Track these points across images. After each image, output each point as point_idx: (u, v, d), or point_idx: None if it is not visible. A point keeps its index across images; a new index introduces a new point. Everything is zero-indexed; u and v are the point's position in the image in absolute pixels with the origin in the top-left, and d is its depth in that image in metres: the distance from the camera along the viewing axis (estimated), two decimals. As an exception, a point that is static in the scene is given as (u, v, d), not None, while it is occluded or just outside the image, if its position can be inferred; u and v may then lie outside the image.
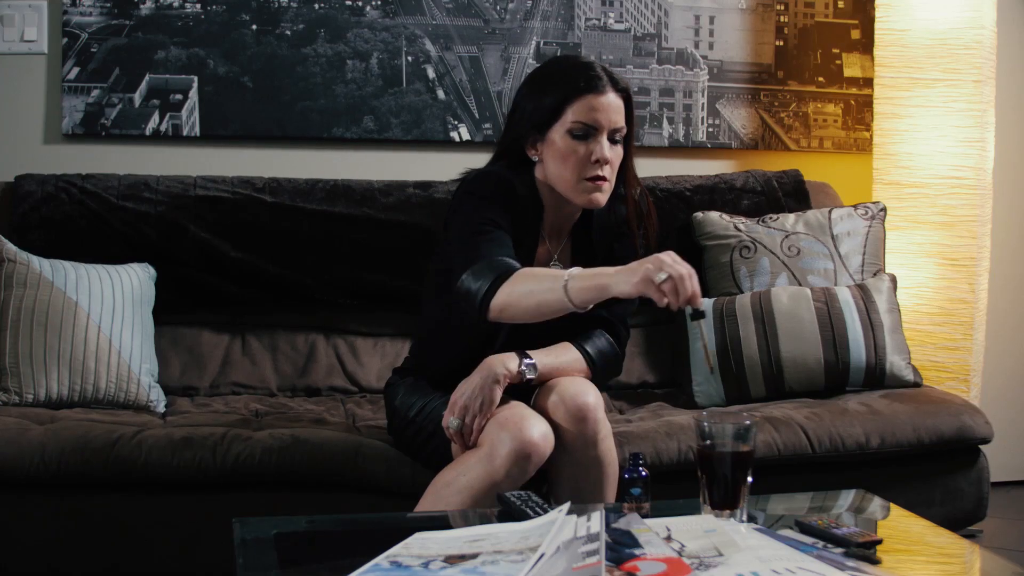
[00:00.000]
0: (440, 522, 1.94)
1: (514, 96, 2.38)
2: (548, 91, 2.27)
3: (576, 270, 2.08)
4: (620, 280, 2.01)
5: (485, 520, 1.91)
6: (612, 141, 2.26)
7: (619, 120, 2.26)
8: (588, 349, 2.32)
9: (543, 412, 2.18)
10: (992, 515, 2.98)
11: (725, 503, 1.82)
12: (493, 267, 2.15)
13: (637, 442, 2.52)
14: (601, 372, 2.34)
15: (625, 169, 2.32)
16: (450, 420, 2.18)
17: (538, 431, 2.11)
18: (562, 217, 2.35)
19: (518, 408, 2.16)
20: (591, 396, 2.18)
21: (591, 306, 2.10)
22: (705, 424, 1.82)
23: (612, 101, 2.25)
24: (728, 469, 1.82)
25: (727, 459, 1.82)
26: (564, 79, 2.27)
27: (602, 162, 2.23)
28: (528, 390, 2.25)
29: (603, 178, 2.25)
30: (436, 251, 2.45)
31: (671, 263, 1.98)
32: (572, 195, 2.28)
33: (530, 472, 2.11)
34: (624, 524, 1.75)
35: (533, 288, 2.10)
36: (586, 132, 2.24)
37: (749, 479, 1.83)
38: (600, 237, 2.38)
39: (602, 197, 2.27)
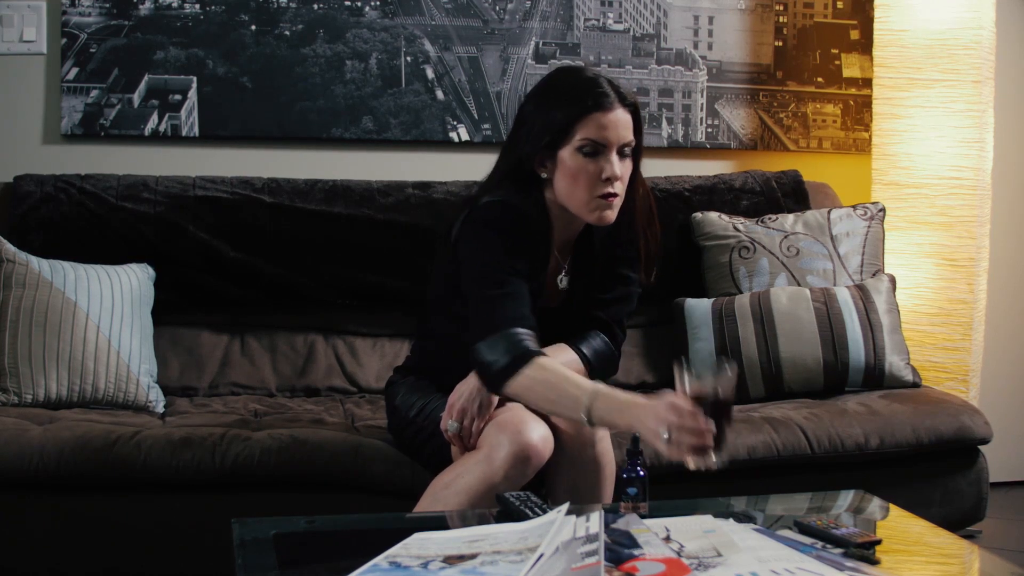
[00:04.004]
0: (439, 522, 1.94)
1: (518, 110, 2.34)
2: (556, 109, 2.23)
3: (600, 392, 2.03)
4: (645, 418, 1.95)
5: (484, 520, 1.91)
6: (622, 155, 2.24)
7: (628, 135, 2.23)
8: (584, 350, 2.33)
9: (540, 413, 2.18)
10: (991, 515, 2.98)
11: (703, 449, 1.85)
12: (510, 346, 2.10)
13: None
14: (598, 372, 2.34)
15: (634, 179, 2.31)
16: (448, 423, 2.18)
17: (537, 434, 2.11)
18: (570, 231, 2.34)
19: (517, 410, 2.16)
20: None
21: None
22: (684, 372, 1.87)
23: (620, 117, 2.22)
24: (708, 415, 1.85)
25: (707, 406, 1.86)
26: (571, 97, 2.23)
27: (613, 179, 2.22)
28: None
29: (614, 195, 2.23)
30: (437, 260, 2.41)
31: (675, 420, 1.88)
32: (583, 213, 2.25)
33: (529, 475, 2.11)
34: (623, 524, 1.75)
35: (551, 397, 2.07)
36: (595, 150, 2.21)
37: (729, 425, 1.87)
38: (603, 244, 2.38)
39: (612, 214, 2.26)
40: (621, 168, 2.23)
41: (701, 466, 1.87)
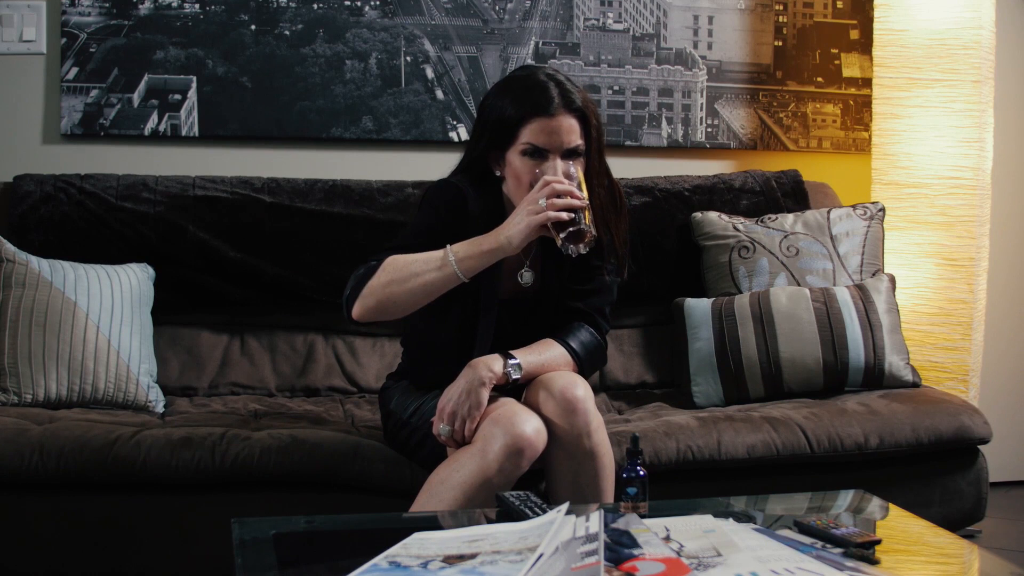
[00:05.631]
0: (439, 522, 1.94)
1: (479, 104, 2.39)
2: (504, 110, 2.28)
3: (455, 243, 2.20)
4: (516, 221, 2.16)
5: (484, 520, 1.91)
6: (569, 158, 2.26)
7: (573, 140, 2.26)
8: (571, 343, 2.34)
9: (534, 408, 2.19)
10: (991, 515, 2.98)
11: (573, 223, 2.13)
12: (357, 271, 2.26)
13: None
14: (587, 364, 2.35)
15: (588, 177, 2.30)
16: (440, 427, 2.19)
17: (531, 426, 2.12)
18: None
19: (510, 405, 2.18)
20: (580, 389, 2.19)
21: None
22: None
23: (564, 123, 2.25)
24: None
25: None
26: (519, 100, 2.27)
27: None
28: (518, 388, 2.26)
29: None
30: None
31: (545, 191, 2.14)
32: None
33: (523, 467, 2.12)
34: (623, 524, 1.75)
35: (415, 271, 2.20)
36: (538, 153, 2.25)
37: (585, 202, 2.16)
38: None
39: None
40: (566, 171, 2.24)
41: (579, 249, 2.14)
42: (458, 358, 2.25)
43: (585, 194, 2.19)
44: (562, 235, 2.14)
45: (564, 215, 2.13)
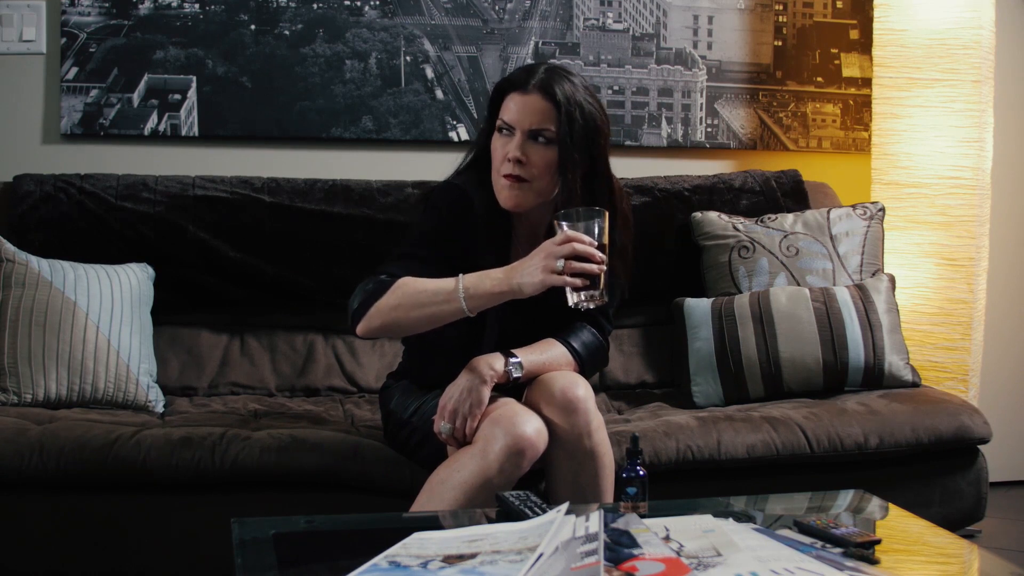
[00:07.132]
0: (439, 522, 1.94)
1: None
2: (497, 90, 2.31)
3: (468, 275, 2.15)
4: (532, 268, 2.09)
5: (484, 520, 1.91)
6: (537, 141, 2.25)
7: (538, 122, 2.24)
8: (573, 343, 2.34)
9: (534, 408, 2.19)
10: (991, 515, 2.99)
11: (587, 288, 2.07)
12: (366, 285, 2.23)
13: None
14: (588, 364, 2.35)
15: (564, 172, 2.27)
16: (441, 425, 2.18)
17: (532, 427, 2.12)
18: (534, 221, 2.35)
19: (511, 405, 2.17)
20: (581, 389, 2.19)
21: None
22: (561, 222, 2.09)
23: (531, 102, 2.24)
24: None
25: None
26: (507, 78, 2.31)
27: (512, 160, 2.23)
28: (519, 388, 2.26)
29: (515, 176, 2.24)
30: None
31: (566, 250, 2.06)
32: (497, 194, 2.29)
33: (524, 467, 2.11)
34: (623, 524, 1.75)
35: (422, 300, 2.16)
36: (507, 130, 2.26)
37: (604, 267, 2.08)
38: None
39: (513, 198, 2.27)
40: (528, 153, 2.24)
41: (587, 305, 2.09)
42: (459, 357, 2.25)
43: (606, 245, 2.11)
44: (573, 297, 2.11)
45: (579, 281, 2.08)
